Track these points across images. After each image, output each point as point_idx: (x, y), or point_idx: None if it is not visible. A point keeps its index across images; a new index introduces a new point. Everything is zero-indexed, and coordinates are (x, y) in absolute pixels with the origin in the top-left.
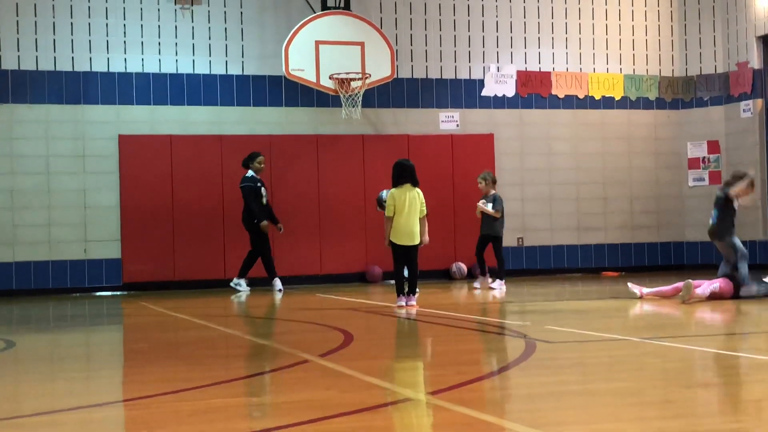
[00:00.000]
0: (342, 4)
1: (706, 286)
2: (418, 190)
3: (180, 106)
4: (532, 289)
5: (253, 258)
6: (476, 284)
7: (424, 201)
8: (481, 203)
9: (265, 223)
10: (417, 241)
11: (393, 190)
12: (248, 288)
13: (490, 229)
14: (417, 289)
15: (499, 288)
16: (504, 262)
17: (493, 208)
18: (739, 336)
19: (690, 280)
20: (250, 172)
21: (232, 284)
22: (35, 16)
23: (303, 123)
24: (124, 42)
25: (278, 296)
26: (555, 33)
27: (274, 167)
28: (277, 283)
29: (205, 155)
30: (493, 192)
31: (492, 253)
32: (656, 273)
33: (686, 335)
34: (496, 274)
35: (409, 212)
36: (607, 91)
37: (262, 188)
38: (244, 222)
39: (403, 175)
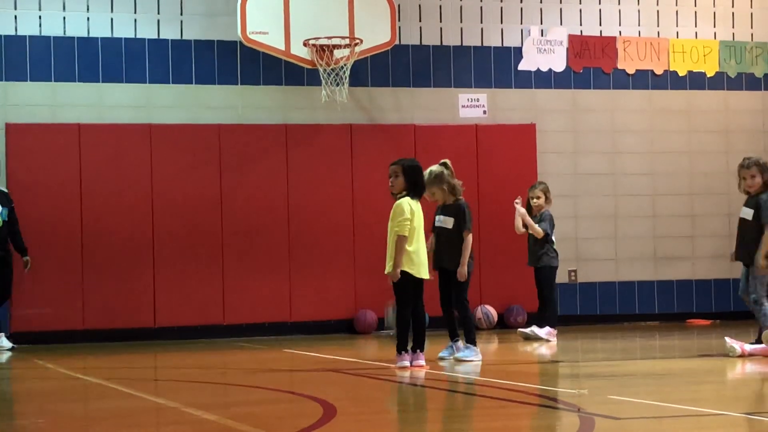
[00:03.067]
0: None
1: None
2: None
3: (92, 84)
4: (589, 343)
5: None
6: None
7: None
8: (519, 211)
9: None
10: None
11: (409, 199)
12: (10, 344)
13: (533, 258)
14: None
15: (546, 338)
16: (554, 302)
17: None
18: None
19: None
20: None
21: None
22: None
23: (266, 108)
24: None
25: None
26: None
27: (225, 169)
28: (4, 342)
29: (128, 153)
30: (545, 209)
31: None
32: None
33: None
34: (544, 319)
35: (422, 234)
36: (696, 64)
37: None
38: None
39: (423, 181)
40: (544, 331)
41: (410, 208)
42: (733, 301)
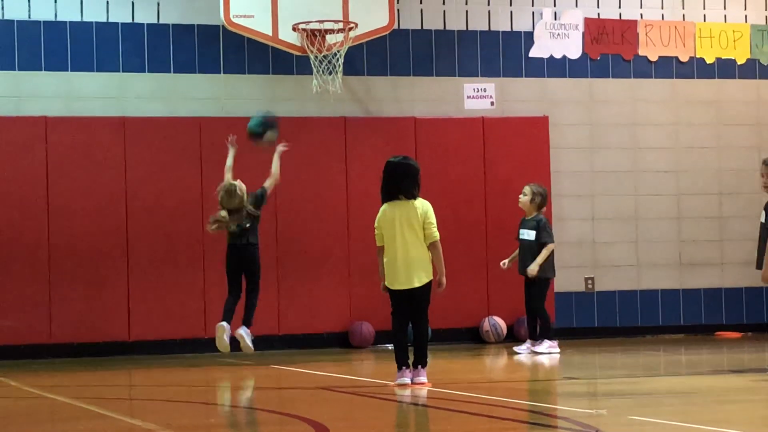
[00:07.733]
0: None
1: None
2: (418, 202)
3: (60, 73)
4: (608, 357)
5: None
6: (520, 348)
7: (431, 217)
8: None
9: None
10: (420, 283)
11: (386, 205)
12: None
13: (526, 267)
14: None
15: (547, 353)
16: (545, 314)
17: (539, 239)
18: None
19: None
20: None
21: None
22: None
23: (252, 99)
24: None
25: None
26: None
27: (206, 164)
28: None
29: (99, 149)
30: (535, 214)
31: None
32: None
33: None
34: (541, 333)
35: (404, 239)
36: (726, 50)
37: None
38: None
39: (390, 182)
40: (545, 347)
41: (378, 215)
42: (766, 311)
